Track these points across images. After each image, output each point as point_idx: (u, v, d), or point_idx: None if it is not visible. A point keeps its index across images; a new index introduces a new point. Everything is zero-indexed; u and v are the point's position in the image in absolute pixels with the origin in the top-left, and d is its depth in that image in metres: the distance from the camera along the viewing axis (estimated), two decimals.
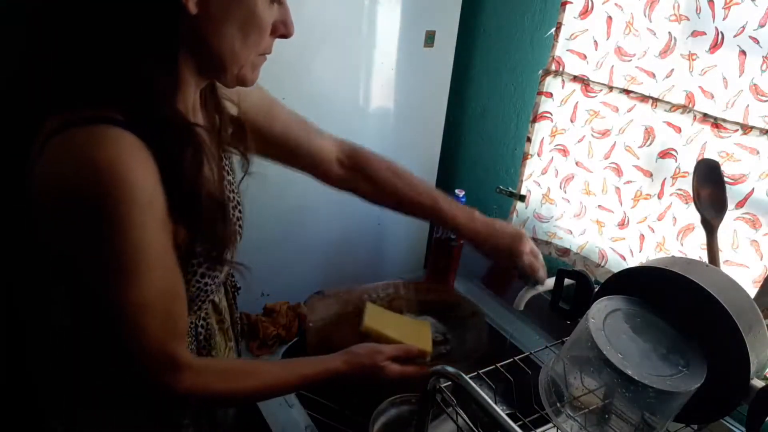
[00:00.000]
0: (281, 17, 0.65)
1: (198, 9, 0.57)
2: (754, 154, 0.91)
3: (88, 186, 0.54)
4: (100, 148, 0.54)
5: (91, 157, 0.54)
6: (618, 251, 1.15)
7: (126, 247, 0.56)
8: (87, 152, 0.54)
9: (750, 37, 0.88)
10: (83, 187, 0.54)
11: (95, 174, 0.53)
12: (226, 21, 0.60)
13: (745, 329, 0.65)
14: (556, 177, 1.23)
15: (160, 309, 0.61)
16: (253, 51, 0.64)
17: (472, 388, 0.60)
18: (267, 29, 0.64)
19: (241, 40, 0.61)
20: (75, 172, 0.54)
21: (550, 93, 1.19)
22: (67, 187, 0.54)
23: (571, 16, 1.11)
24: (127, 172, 0.54)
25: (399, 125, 1.37)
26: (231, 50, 0.61)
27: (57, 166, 0.55)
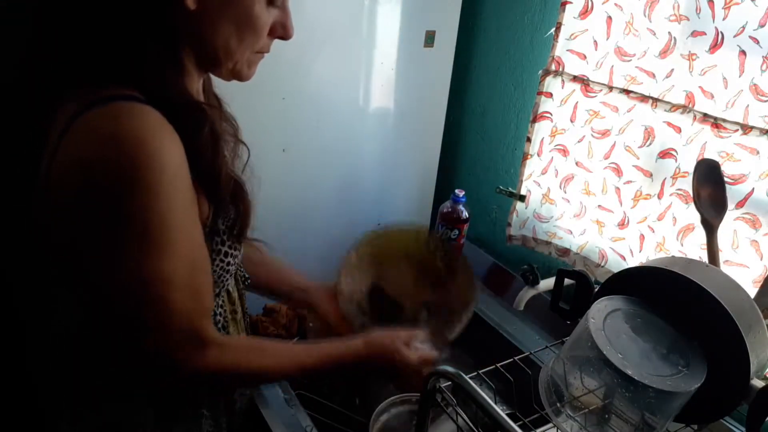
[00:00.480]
0: (280, 19, 0.67)
1: (196, 6, 0.60)
2: (754, 154, 0.91)
3: (117, 157, 0.54)
4: (128, 120, 0.55)
5: (117, 130, 0.55)
6: (618, 251, 1.15)
7: (155, 217, 0.57)
8: (113, 126, 0.55)
9: (750, 37, 0.88)
10: (112, 160, 0.55)
11: (124, 144, 0.54)
12: (223, 19, 0.62)
13: (745, 329, 0.65)
14: (556, 177, 1.23)
15: (187, 283, 0.61)
16: (248, 49, 0.66)
17: (472, 388, 0.60)
18: (263, 30, 0.66)
19: (236, 38, 0.64)
20: (103, 146, 0.55)
21: (550, 93, 1.19)
22: (96, 160, 0.55)
23: (571, 16, 1.11)
24: (156, 144, 0.56)
25: (399, 125, 1.37)
26: (226, 46, 0.64)
27: (84, 144, 0.56)
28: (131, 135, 0.55)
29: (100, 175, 0.55)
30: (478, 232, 1.52)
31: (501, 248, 1.45)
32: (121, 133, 0.55)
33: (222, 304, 0.78)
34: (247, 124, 0.81)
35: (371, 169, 1.38)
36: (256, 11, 0.63)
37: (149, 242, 0.57)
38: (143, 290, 0.59)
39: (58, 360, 0.74)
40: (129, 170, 0.55)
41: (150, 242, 0.57)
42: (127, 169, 0.55)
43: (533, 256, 1.33)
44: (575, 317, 0.83)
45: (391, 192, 1.45)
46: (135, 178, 0.55)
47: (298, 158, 1.24)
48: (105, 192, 0.55)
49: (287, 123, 1.19)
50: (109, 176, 0.55)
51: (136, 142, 0.55)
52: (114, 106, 0.56)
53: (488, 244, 1.50)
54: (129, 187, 0.55)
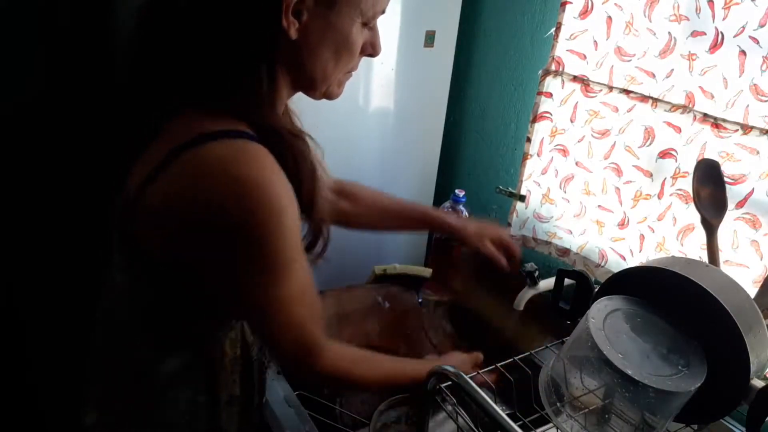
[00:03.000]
0: (371, 39, 0.70)
1: (298, 35, 0.61)
2: (754, 154, 0.91)
3: (237, 201, 0.57)
4: (245, 165, 0.58)
5: (237, 174, 0.57)
6: (618, 251, 1.15)
7: (279, 254, 0.61)
8: (231, 168, 0.57)
9: (750, 37, 0.88)
10: (232, 203, 0.57)
11: (249, 188, 0.57)
12: (323, 46, 0.64)
13: (745, 329, 0.65)
14: (556, 177, 1.23)
15: (306, 299, 0.67)
16: (342, 71, 0.69)
17: (472, 388, 0.60)
18: (357, 51, 0.68)
19: (334, 62, 0.66)
20: (221, 186, 0.57)
21: (550, 93, 1.19)
22: (214, 201, 0.57)
23: (571, 16, 1.11)
24: (276, 188, 0.59)
25: (399, 125, 1.37)
26: (324, 71, 0.66)
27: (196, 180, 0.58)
28: (252, 177, 0.57)
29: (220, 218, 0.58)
30: None
31: None
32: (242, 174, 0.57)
33: None
34: None
35: (371, 169, 1.38)
36: (354, 35, 0.65)
37: (274, 275, 0.62)
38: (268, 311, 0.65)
39: (95, 353, 0.75)
40: (256, 215, 0.57)
41: (274, 275, 0.62)
42: (254, 213, 0.57)
43: (533, 256, 1.33)
44: (575, 317, 0.83)
45: (391, 192, 1.44)
46: (261, 222, 0.58)
47: None
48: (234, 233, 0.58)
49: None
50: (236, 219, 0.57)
51: (257, 185, 0.57)
52: (227, 145, 0.58)
53: None
54: (256, 230, 0.58)
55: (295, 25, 0.61)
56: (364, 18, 0.66)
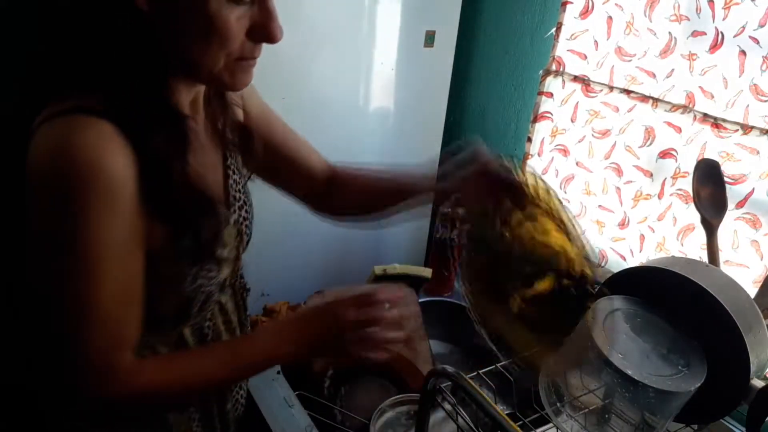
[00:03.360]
0: (260, 20, 0.59)
1: (148, 7, 0.56)
2: (754, 154, 0.91)
3: (53, 170, 0.54)
4: (69, 135, 0.54)
5: (59, 144, 0.54)
6: (618, 251, 1.15)
7: (82, 236, 0.55)
8: (57, 139, 0.54)
9: (750, 37, 0.88)
10: (53, 170, 0.54)
11: (60, 159, 0.53)
12: (182, 22, 0.57)
13: (745, 329, 0.65)
14: (557, 177, 1.23)
15: (108, 312, 0.58)
16: (220, 55, 0.59)
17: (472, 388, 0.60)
18: (229, 32, 0.58)
19: (203, 45, 0.58)
20: (48, 157, 0.54)
21: (551, 93, 1.19)
22: (40, 170, 0.55)
23: (572, 16, 1.11)
24: (96, 158, 0.54)
25: (399, 125, 1.37)
26: (195, 53, 0.58)
27: (35, 154, 0.56)
28: (70, 150, 0.53)
29: (42, 186, 0.55)
30: None
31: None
32: (60, 147, 0.54)
33: (211, 317, 0.75)
34: None
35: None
36: (216, 10, 0.56)
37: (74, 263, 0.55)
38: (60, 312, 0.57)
39: None
40: (62, 186, 0.53)
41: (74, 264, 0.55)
42: (60, 184, 0.54)
43: None
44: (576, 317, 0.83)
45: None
46: (66, 195, 0.53)
47: None
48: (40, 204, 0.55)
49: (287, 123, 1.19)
50: (44, 189, 0.54)
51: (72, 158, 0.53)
52: (65, 119, 0.55)
53: None
54: (60, 203, 0.54)
55: None
56: None
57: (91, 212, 0.54)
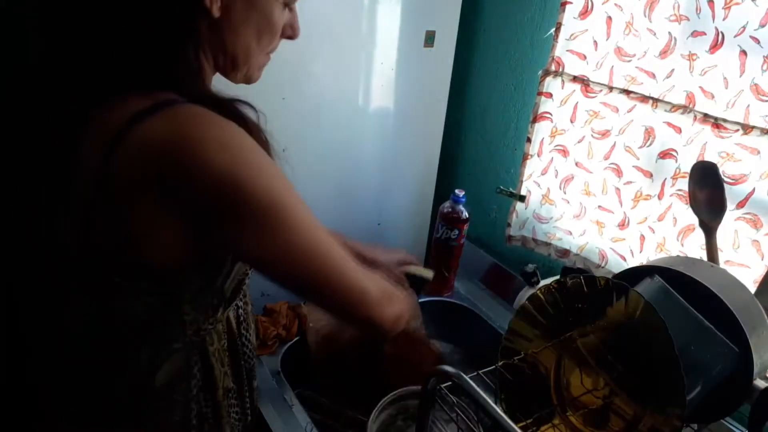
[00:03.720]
0: (290, 21, 0.70)
1: (220, 13, 0.61)
2: (754, 154, 0.91)
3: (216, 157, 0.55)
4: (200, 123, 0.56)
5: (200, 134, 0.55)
6: (618, 252, 1.15)
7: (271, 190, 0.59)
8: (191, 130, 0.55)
9: (750, 36, 0.88)
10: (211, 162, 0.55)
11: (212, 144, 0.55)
12: (245, 25, 0.65)
13: (749, 329, 0.64)
14: (556, 177, 1.23)
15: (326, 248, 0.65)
16: (264, 51, 0.69)
17: (472, 388, 0.59)
18: (279, 32, 0.69)
19: (256, 42, 0.67)
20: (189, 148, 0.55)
21: (550, 93, 1.18)
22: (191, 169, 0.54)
23: (571, 16, 1.11)
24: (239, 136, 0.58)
25: (399, 125, 1.37)
26: (246, 51, 0.66)
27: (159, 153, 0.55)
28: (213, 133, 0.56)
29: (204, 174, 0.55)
30: (478, 232, 1.52)
31: (501, 248, 1.44)
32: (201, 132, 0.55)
33: (243, 296, 0.79)
34: None
35: (371, 169, 1.37)
36: (275, 16, 0.66)
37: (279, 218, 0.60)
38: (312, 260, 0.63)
39: (64, 360, 0.73)
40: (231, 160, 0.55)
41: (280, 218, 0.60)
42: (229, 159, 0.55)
43: (533, 256, 1.33)
44: None
45: (391, 192, 1.44)
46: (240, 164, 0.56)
47: (298, 158, 1.23)
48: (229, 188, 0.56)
49: (287, 123, 1.19)
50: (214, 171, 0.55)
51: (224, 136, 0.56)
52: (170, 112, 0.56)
53: (488, 244, 1.50)
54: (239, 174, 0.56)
55: (217, 3, 0.60)
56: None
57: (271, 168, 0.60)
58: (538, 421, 0.72)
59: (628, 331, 0.64)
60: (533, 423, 0.72)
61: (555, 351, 0.75)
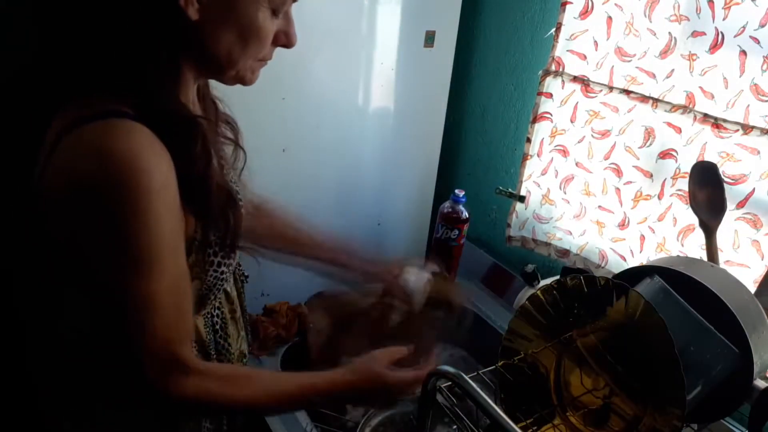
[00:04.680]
0: (284, 28, 0.67)
1: (198, 15, 0.59)
2: (754, 154, 0.91)
3: (104, 176, 0.55)
4: (114, 140, 0.55)
5: (106, 149, 0.55)
6: (618, 252, 1.15)
7: (140, 236, 0.57)
8: (102, 144, 0.55)
9: (750, 37, 0.88)
10: (99, 178, 0.55)
11: (110, 164, 0.54)
12: (225, 29, 0.62)
13: (749, 329, 0.64)
14: (556, 177, 1.23)
15: (169, 305, 0.61)
16: (251, 57, 0.66)
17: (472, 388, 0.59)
18: (267, 39, 0.66)
19: (239, 47, 0.64)
20: (91, 163, 0.55)
21: (550, 93, 1.18)
22: (83, 178, 0.55)
23: (571, 16, 1.11)
24: (142, 162, 0.55)
25: (399, 125, 1.36)
26: (229, 55, 0.64)
27: (73, 160, 0.56)
28: (118, 155, 0.54)
29: (87, 194, 0.55)
30: (478, 232, 1.52)
31: (501, 248, 1.44)
32: (108, 152, 0.54)
33: (220, 305, 0.77)
34: (246, 125, 0.81)
35: (371, 169, 1.37)
36: (260, 21, 0.63)
37: (134, 263, 0.58)
38: (125, 311, 0.60)
39: (65, 360, 0.73)
40: (115, 191, 0.55)
41: (135, 263, 0.58)
42: (113, 189, 0.55)
43: (533, 256, 1.33)
44: None
45: (391, 192, 1.44)
46: (121, 199, 0.55)
47: (298, 158, 1.23)
48: (92, 211, 0.56)
49: (287, 123, 1.19)
50: (96, 195, 0.55)
51: (122, 162, 0.54)
52: (103, 124, 0.56)
53: (488, 244, 1.50)
54: (115, 208, 0.55)
55: (194, 5, 0.59)
56: (272, 4, 0.64)
57: (147, 213, 0.56)
58: (538, 421, 0.72)
59: (628, 331, 0.64)
60: (533, 423, 0.72)
61: (555, 351, 0.75)
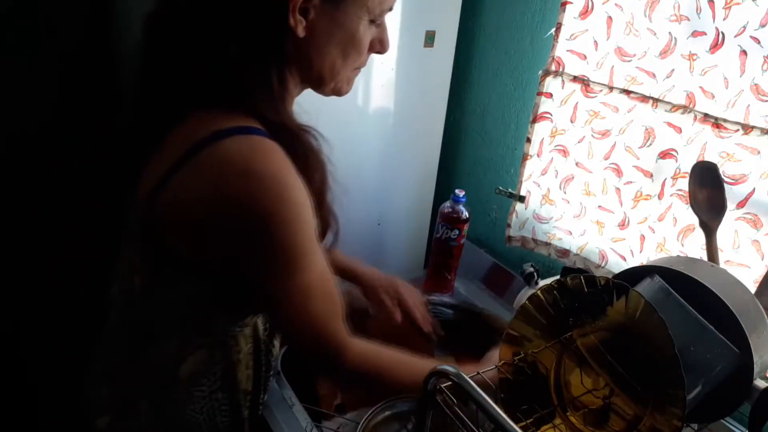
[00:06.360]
0: (378, 35, 0.70)
1: (305, 33, 0.62)
2: (755, 154, 0.91)
3: (258, 195, 0.58)
4: (262, 159, 0.59)
5: (256, 169, 0.59)
6: (618, 252, 1.15)
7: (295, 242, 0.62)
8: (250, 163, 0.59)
9: (751, 36, 0.88)
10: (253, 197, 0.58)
11: (264, 182, 0.58)
12: (330, 43, 0.65)
13: (749, 329, 0.64)
14: (556, 177, 1.23)
15: (323, 292, 0.67)
16: (351, 67, 0.69)
17: (472, 388, 0.59)
18: (365, 48, 0.69)
19: (341, 59, 0.67)
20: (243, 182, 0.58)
21: (550, 93, 1.18)
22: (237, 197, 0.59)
23: (571, 16, 1.11)
24: (289, 179, 0.60)
25: (399, 125, 1.36)
26: (332, 68, 0.67)
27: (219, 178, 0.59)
28: (268, 173, 0.59)
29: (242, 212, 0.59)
30: (478, 232, 1.51)
31: (501, 248, 1.44)
32: (259, 172, 0.59)
33: None
34: None
35: (371, 168, 1.37)
36: (361, 33, 0.66)
37: (291, 267, 0.63)
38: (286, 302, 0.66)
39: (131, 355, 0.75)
40: (272, 206, 0.59)
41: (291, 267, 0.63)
42: (269, 206, 0.59)
43: (533, 256, 1.33)
44: None
45: (391, 192, 1.44)
46: (276, 214, 0.59)
47: None
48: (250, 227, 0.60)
49: None
50: (252, 213, 0.59)
51: (274, 179, 0.59)
52: (243, 141, 0.59)
53: (488, 244, 1.50)
54: (271, 222, 0.60)
55: (302, 23, 0.61)
56: (371, 15, 0.66)
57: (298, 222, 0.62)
58: (538, 421, 0.72)
59: (629, 331, 0.64)
60: (533, 423, 0.72)
61: (555, 351, 0.75)
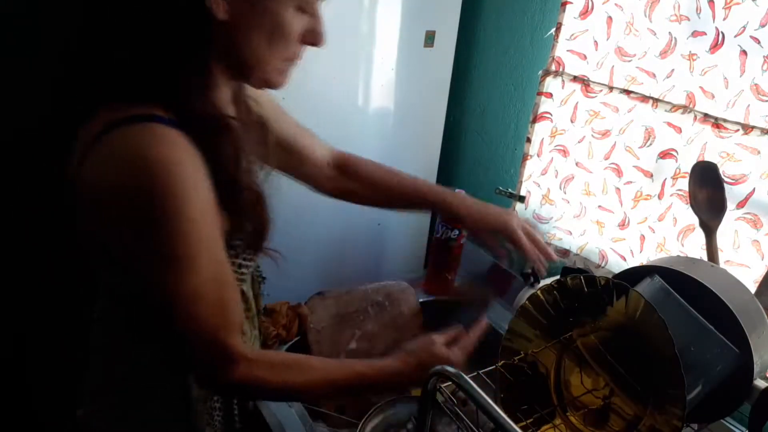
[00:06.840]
0: (311, 26, 0.68)
1: (227, 16, 0.60)
2: (755, 154, 0.91)
3: (142, 183, 0.57)
4: (151, 147, 0.57)
5: (139, 155, 0.57)
6: (618, 252, 1.15)
7: (178, 238, 0.59)
8: (135, 151, 0.57)
9: (751, 36, 0.88)
10: (137, 184, 0.57)
11: (143, 171, 0.56)
12: (253, 28, 0.63)
13: (749, 329, 0.64)
14: (556, 177, 1.23)
15: (211, 297, 0.63)
16: (278, 57, 0.66)
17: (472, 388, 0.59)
18: (293, 38, 0.66)
19: (267, 47, 0.64)
20: (126, 169, 0.57)
21: (550, 93, 1.18)
22: (121, 184, 0.57)
23: (571, 16, 1.11)
24: (178, 168, 0.57)
25: (399, 125, 1.36)
26: (257, 56, 0.64)
27: (109, 165, 0.58)
28: (150, 162, 0.57)
29: (126, 200, 0.58)
30: None
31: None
32: (141, 159, 0.57)
33: None
34: None
35: None
36: (287, 18, 0.64)
37: (176, 263, 0.60)
38: (171, 304, 0.62)
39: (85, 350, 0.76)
40: (149, 197, 0.57)
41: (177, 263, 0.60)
42: (147, 196, 0.57)
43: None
44: None
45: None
46: (155, 205, 0.57)
47: None
48: (130, 216, 0.58)
49: None
50: (132, 201, 0.57)
51: (154, 169, 0.56)
52: (134, 129, 0.58)
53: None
54: (149, 213, 0.57)
55: (221, 5, 0.59)
56: (299, 1, 0.64)
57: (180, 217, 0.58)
58: (538, 421, 0.72)
59: (629, 331, 0.64)
60: (533, 423, 0.72)
61: (555, 351, 0.75)
